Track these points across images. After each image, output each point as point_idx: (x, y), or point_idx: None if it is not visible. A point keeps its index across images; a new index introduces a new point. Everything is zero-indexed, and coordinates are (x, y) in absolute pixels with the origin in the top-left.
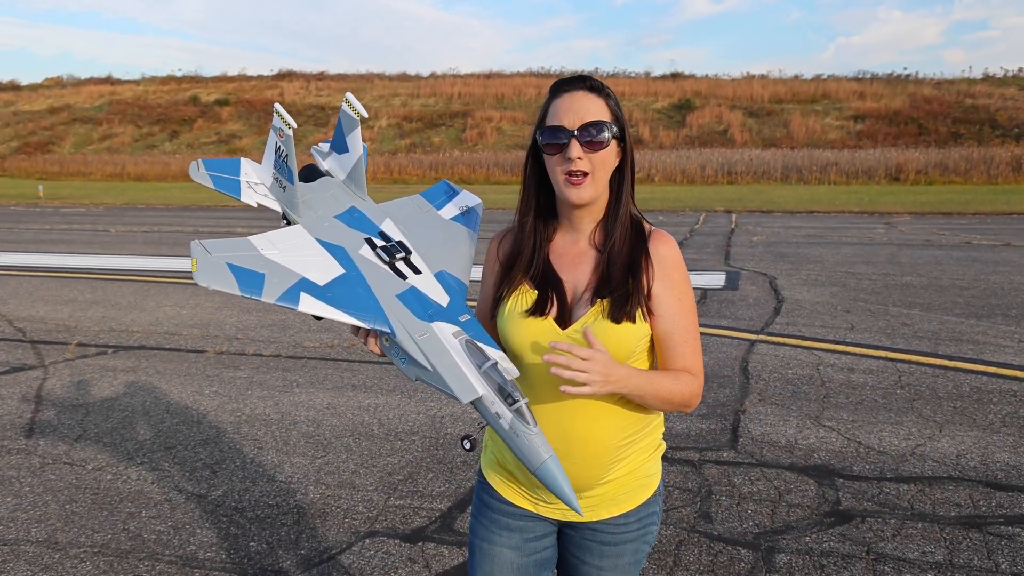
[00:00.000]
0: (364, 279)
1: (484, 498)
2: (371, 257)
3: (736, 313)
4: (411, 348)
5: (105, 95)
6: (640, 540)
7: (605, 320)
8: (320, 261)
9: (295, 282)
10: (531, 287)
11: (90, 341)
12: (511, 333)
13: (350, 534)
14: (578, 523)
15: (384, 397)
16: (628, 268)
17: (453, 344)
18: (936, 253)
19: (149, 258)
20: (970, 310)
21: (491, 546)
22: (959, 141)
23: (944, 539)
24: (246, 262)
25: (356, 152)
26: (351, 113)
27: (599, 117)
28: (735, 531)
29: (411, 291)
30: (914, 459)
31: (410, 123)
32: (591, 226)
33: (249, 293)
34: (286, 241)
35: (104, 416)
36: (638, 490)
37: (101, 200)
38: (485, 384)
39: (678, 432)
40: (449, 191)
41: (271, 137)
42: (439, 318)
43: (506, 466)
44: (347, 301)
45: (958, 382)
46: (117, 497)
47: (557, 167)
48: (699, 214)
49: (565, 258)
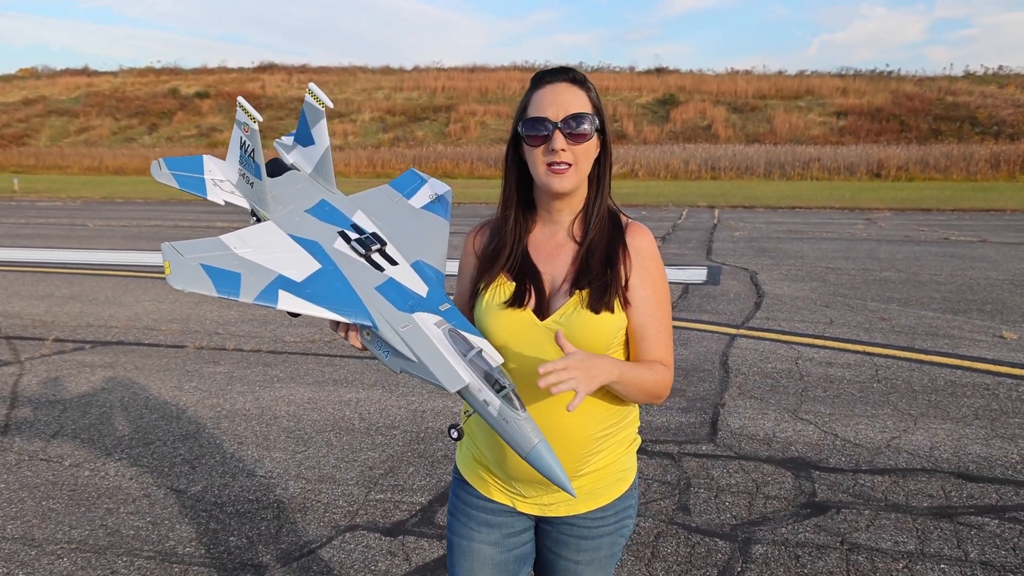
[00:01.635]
0: (341, 273)
1: (461, 495)
2: (346, 250)
3: (717, 308)
4: (394, 340)
5: (82, 87)
6: (617, 533)
7: (584, 310)
8: (295, 257)
9: (272, 280)
10: (509, 279)
11: (67, 337)
12: (490, 325)
13: (330, 528)
14: (555, 518)
15: (365, 391)
16: (606, 259)
17: (436, 334)
18: (915, 249)
19: (127, 253)
20: (947, 305)
21: (470, 543)
22: (939, 138)
23: (916, 529)
24: (220, 262)
25: (322, 144)
26: (315, 104)
27: (582, 109)
28: (713, 523)
29: (389, 283)
30: (889, 451)
31: (393, 117)
32: (569, 218)
33: (226, 294)
34: (259, 239)
35: (82, 412)
36: (615, 484)
37: (78, 194)
38: (471, 372)
39: (658, 425)
40: (417, 179)
41: (235, 132)
42: (420, 308)
43: (482, 461)
44: (326, 296)
45: (933, 376)
46: (95, 493)
47: (540, 158)
48: (682, 209)
49: (543, 250)
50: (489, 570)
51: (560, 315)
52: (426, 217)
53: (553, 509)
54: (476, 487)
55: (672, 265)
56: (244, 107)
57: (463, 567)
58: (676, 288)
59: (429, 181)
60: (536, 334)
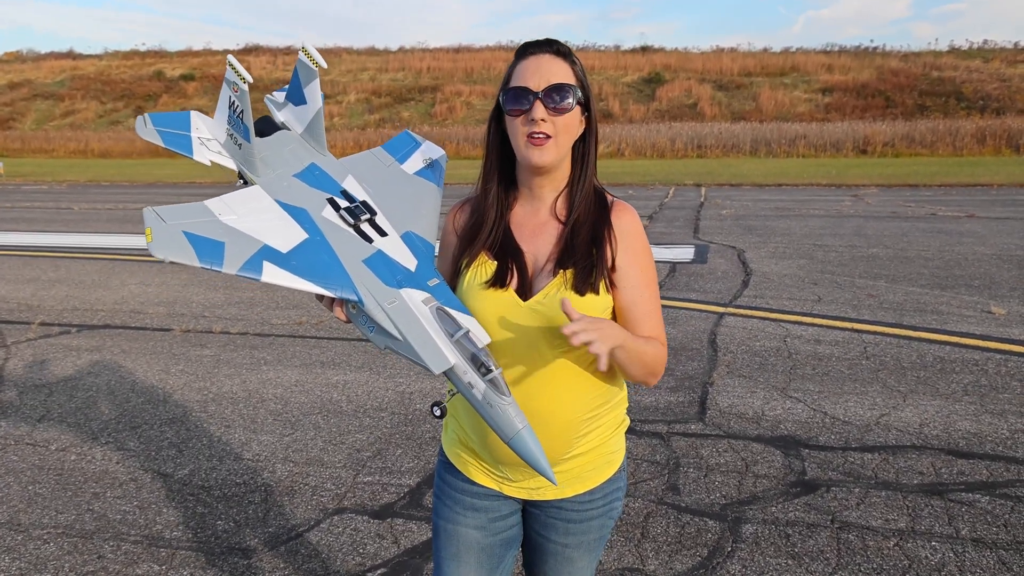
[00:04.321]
0: (328, 244)
1: (447, 478)
2: (335, 219)
3: (705, 286)
4: (380, 317)
5: (67, 70)
6: (605, 516)
7: (568, 291)
8: (281, 226)
9: (257, 250)
10: (490, 258)
11: (53, 320)
12: (472, 306)
13: (318, 511)
14: (543, 501)
15: (353, 374)
16: (592, 239)
17: (423, 312)
18: (902, 225)
19: (113, 236)
20: (935, 281)
21: (455, 527)
22: (925, 113)
23: (907, 507)
24: (204, 229)
25: (315, 104)
26: (309, 64)
27: (564, 80)
28: (702, 502)
29: (378, 255)
30: (878, 429)
31: (379, 98)
32: (552, 195)
33: (209, 264)
34: (244, 205)
35: (68, 396)
36: (603, 466)
37: (64, 177)
38: (457, 353)
39: (646, 405)
40: (411, 142)
41: (224, 91)
42: (408, 284)
43: (468, 444)
44: (312, 269)
45: (922, 352)
46: (81, 477)
47: (520, 129)
48: (668, 188)
49: (525, 228)
50: (475, 554)
51: (543, 295)
52: (419, 184)
53: (540, 493)
54: (461, 470)
55: (659, 244)
56: (234, 66)
57: (448, 551)
58: (663, 267)
59: (424, 144)
60: (519, 314)
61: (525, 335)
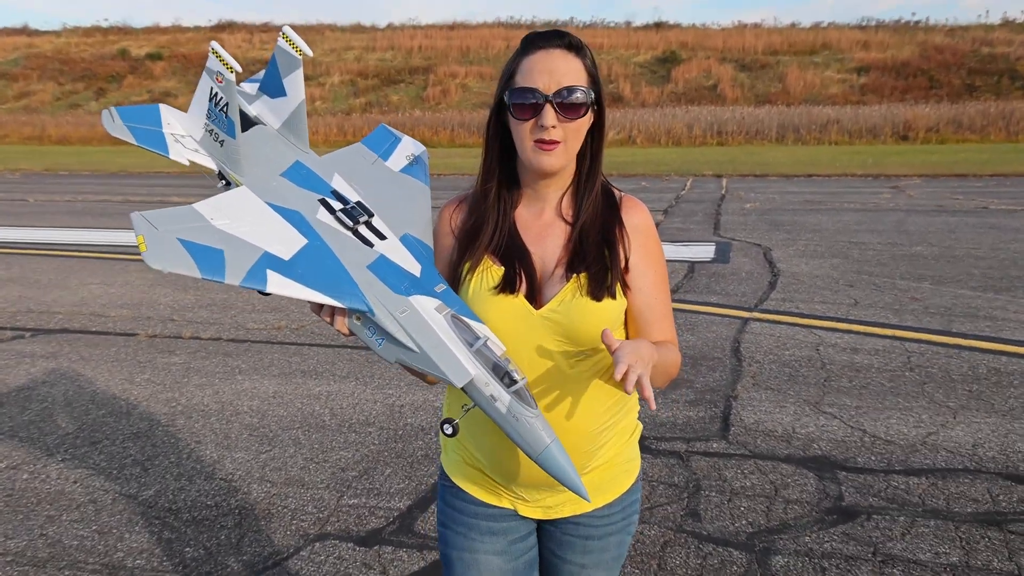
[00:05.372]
0: (330, 249)
1: (454, 503)
2: (332, 223)
3: (727, 288)
4: (392, 328)
5: (21, 48)
6: (624, 531)
7: (584, 297)
8: (279, 231)
9: (258, 258)
10: (496, 263)
11: (5, 324)
12: (479, 314)
13: (298, 537)
14: (559, 518)
15: (337, 384)
16: (603, 241)
17: (438, 320)
18: (949, 220)
19: (73, 230)
20: (987, 283)
21: (473, 555)
22: (974, 94)
23: (960, 538)
24: (200, 236)
25: (296, 97)
26: (290, 51)
27: (577, 81)
28: (726, 530)
29: (381, 260)
30: (925, 449)
31: (365, 80)
32: (557, 195)
33: (211, 276)
34: (235, 208)
35: (20, 408)
36: (621, 476)
37: (17, 166)
38: (478, 364)
39: (663, 421)
40: (390, 137)
41: (204, 81)
42: (416, 291)
43: (476, 465)
44: (317, 277)
45: (974, 363)
46: (34, 498)
47: (527, 133)
48: (685, 179)
49: (530, 230)
50: None
51: (558, 303)
52: (407, 182)
53: (558, 510)
54: (471, 493)
55: (676, 241)
56: (218, 53)
57: None
58: (681, 267)
59: (403, 139)
60: (532, 323)
61: (538, 344)
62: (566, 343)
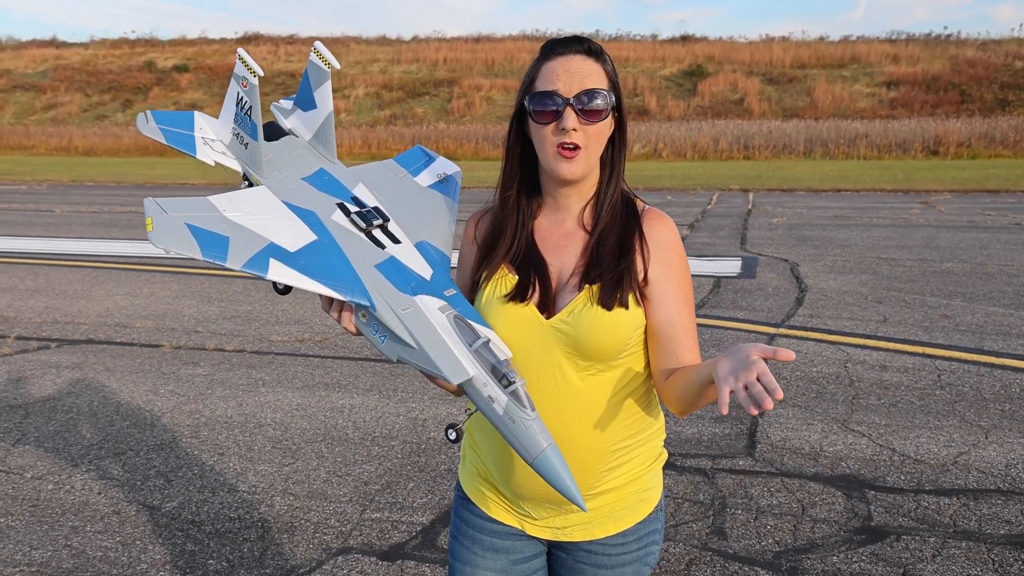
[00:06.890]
0: (339, 247)
1: (464, 515)
2: (345, 224)
3: (753, 304)
4: (393, 324)
5: (49, 59)
6: (640, 562)
7: (595, 307)
8: (289, 226)
9: (263, 247)
10: (511, 271)
11: (31, 334)
12: (490, 322)
13: (321, 551)
14: (570, 543)
15: (360, 397)
16: (619, 248)
17: (440, 320)
18: (981, 236)
19: (98, 242)
20: (1020, 300)
21: (473, 569)
22: (1007, 109)
23: (992, 560)
24: (207, 223)
25: (325, 109)
26: (321, 64)
27: (597, 85)
28: (753, 549)
29: (391, 261)
30: (956, 469)
31: (390, 92)
32: (579, 205)
33: (212, 257)
34: (250, 203)
35: (46, 418)
36: (637, 505)
37: (45, 177)
38: (477, 364)
39: (688, 437)
40: (425, 157)
41: (232, 87)
42: (423, 291)
43: (487, 477)
44: (321, 270)
45: (1007, 382)
46: (59, 509)
47: (548, 138)
48: (712, 193)
49: (550, 240)
50: None
51: (568, 312)
52: (432, 196)
53: (567, 533)
54: (480, 506)
55: (702, 256)
56: (244, 59)
57: None
58: (707, 282)
59: (437, 159)
60: (542, 332)
61: (548, 354)
62: (575, 355)
